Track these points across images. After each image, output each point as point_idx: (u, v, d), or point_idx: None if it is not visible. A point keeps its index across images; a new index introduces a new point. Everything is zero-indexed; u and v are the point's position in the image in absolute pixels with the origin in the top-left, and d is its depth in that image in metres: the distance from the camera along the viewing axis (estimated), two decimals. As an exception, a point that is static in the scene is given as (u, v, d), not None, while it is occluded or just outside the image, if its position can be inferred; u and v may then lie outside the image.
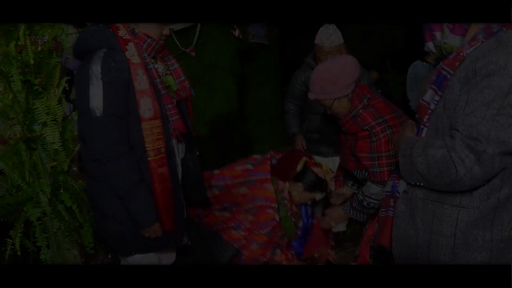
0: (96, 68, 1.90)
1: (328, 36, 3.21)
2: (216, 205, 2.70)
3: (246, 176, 2.90)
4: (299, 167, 2.76)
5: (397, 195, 1.64)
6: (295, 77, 3.62)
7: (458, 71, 1.41)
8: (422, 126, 1.54)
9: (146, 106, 1.99)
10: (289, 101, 3.69)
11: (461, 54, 1.43)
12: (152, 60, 2.09)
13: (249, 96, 7.59)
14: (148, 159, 2.01)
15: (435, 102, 1.48)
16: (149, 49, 2.06)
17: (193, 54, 5.50)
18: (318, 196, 2.86)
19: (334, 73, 2.28)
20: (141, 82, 1.99)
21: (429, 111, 1.50)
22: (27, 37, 2.16)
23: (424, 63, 5.45)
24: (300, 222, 2.97)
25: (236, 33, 5.85)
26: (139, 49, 2.03)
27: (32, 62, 2.17)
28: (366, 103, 2.32)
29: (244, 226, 2.72)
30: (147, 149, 2.01)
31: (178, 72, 2.23)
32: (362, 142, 2.31)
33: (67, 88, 2.34)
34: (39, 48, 2.20)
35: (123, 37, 2.01)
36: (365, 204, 2.40)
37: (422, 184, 1.47)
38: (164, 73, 2.16)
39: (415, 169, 1.45)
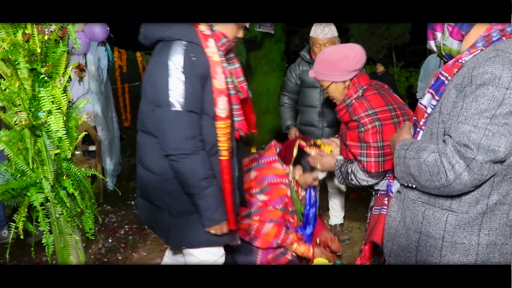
0: (177, 61, 1.87)
1: (322, 28, 3.34)
2: None
3: (253, 162, 3.03)
4: (295, 151, 2.89)
5: (391, 194, 1.69)
6: (289, 71, 3.71)
7: (455, 77, 1.44)
8: (418, 129, 1.57)
9: (223, 105, 1.98)
10: (284, 94, 3.78)
11: (460, 60, 1.45)
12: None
13: (254, 85, 7.61)
14: (221, 158, 2.01)
15: (432, 107, 1.51)
16: (223, 49, 2.03)
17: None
18: (321, 175, 2.96)
19: (337, 57, 2.35)
20: (220, 80, 1.97)
21: (426, 114, 1.53)
22: (34, 26, 2.19)
23: (438, 57, 5.43)
24: (303, 208, 3.07)
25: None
26: (216, 47, 1.99)
27: (38, 51, 2.20)
28: (361, 94, 2.37)
29: (257, 206, 2.83)
30: (220, 148, 2.00)
31: (238, 72, 2.20)
32: (352, 132, 2.37)
33: (72, 78, 2.38)
34: (46, 37, 2.23)
35: (204, 32, 1.97)
36: (349, 179, 2.43)
37: (414, 186, 1.51)
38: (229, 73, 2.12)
39: (408, 171, 1.48)
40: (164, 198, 2.06)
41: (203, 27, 1.97)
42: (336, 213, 3.93)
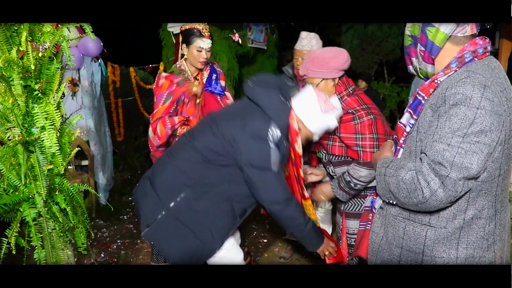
0: (275, 140, 2.19)
1: (309, 40, 3.40)
2: None
3: None
4: None
5: (374, 210, 1.74)
6: None
7: (431, 97, 1.50)
8: (398, 147, 1.63)
9: None
10: None
11: (435, 81, 1.52)
12: None
13: (246, 100, 7.65)
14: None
15: (411, 125, 1.57)
16: None
17: (192, 58, 5.56)
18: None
19: (329, 55, 2.49)
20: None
21: (405, 133, 1.59)
22: (29, 43, 2.23)
23: None
24: None
25: (235, 37, 5.92)
26: None
27: (32, 67, 2.23)
28: (351, 92, 2.53)
29: None
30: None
31: None
32: (346, 124, 2.48)
33: (65, 93, 2.42)
34: (40, 54, 2.27)
35: (295, 128, 2.29)
36: (352, 185, 2.50)
37: (394, 202, 1.56)
38: None
39: (388, 188, 1.53)
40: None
41: (295, 124, 2.28)
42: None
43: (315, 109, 2.26)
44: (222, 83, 3.30)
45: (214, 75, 3.27)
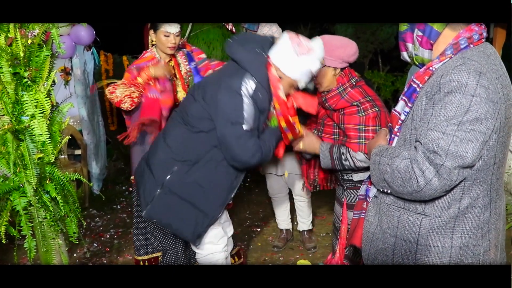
0: (249, 93, 2.21)
1: (270, 27, 3.57)
2: None
3: None
4: None
5: (368, 199, 1.72)
6: None
7: (426, 85, 1.48)
8: (393, 135, 1.61)
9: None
10: None
11: (430, 68, 1.49)
12: None
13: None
14: None
15: (405, 113, 1.55)
16: None
17: (185, 46, 5.52)
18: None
19: (336, 43, 2.42)
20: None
21: (400, 121, 1.57)
22: (18, 30, 2.19)
23: None
24: None
25: (229, 26, 5.88)
26: None
27: (22, 55, 2.20)
28: (354, 84, 2.46)
29: None
30: None
31: None
32: (351, 116, 2.43)
33: (56, 83, 2.39)
34: (29, 41, 2.23)
35: (275, 76, 2.26)
36: (343, 159, 2.42)
37: (389, 191, 1.54)
38: None
39: (382, 177, 1.51)
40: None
41: (274, 71, 2.25)
42: (302, 219, 3.92)
43: (289, 54, 2.20)
44: (202, 56, 3.26)
45: (193, 63, 3.20)
